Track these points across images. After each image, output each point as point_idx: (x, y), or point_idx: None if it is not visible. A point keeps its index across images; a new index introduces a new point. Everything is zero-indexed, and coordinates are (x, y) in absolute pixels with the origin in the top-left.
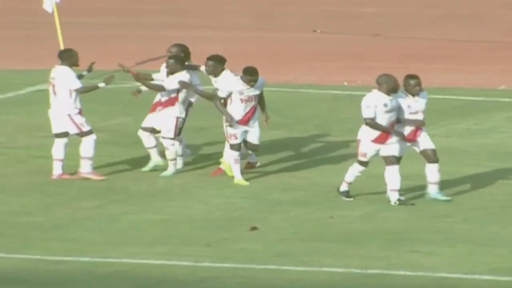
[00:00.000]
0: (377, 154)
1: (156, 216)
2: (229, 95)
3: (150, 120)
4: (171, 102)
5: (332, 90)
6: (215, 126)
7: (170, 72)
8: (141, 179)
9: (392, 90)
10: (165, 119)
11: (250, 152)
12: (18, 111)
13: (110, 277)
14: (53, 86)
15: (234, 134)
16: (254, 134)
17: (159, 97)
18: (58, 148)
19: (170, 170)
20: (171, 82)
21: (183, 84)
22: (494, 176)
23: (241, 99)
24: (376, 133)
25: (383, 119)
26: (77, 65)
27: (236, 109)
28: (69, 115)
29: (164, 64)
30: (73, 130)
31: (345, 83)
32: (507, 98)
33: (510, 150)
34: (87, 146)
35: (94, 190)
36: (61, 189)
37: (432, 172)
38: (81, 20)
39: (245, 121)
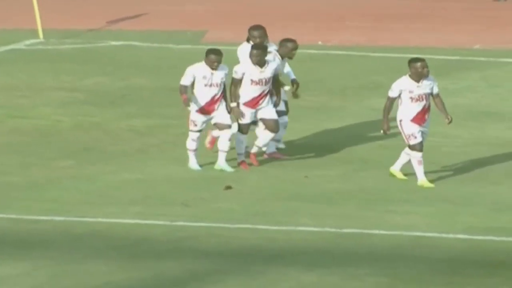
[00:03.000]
0: None
1: (133, 176)
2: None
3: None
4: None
5: (308, 50)
6: None
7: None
8: (118, 139)
9: None
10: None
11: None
12: None
13: (88, 236)
14: None
15: (412, 133)
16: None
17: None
18: (221, 139)
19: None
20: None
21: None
22: (470, 136)
23: (411, 98)
24: None
25: None
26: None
27: (407, 109)
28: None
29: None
30: None
31: (319, 42)
32: (482, 57)
33: (485, 109)
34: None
35: (71, 150)
36: (39, 149)
37: None
38: None
39: (420, 120)
